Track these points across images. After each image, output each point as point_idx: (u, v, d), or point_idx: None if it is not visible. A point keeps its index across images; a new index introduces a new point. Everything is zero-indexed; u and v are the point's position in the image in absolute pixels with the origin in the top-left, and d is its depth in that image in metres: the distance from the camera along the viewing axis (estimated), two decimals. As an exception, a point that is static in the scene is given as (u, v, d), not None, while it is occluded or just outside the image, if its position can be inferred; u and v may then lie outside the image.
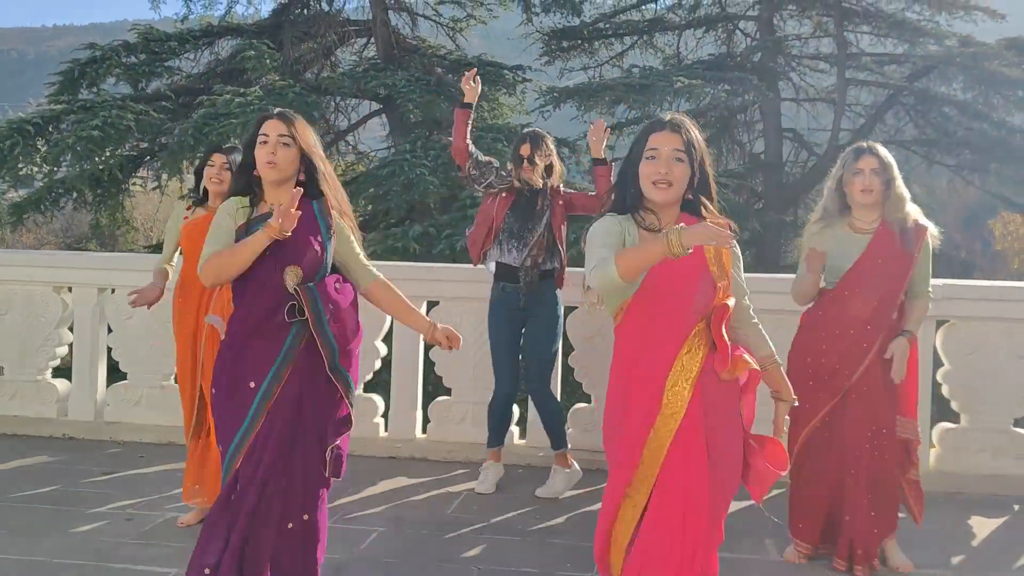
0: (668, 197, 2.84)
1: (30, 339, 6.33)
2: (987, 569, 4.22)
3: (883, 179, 4.05)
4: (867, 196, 4.04)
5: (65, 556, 4.07)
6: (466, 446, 5.82)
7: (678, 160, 2.82)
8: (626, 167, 2.93)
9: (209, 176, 4.63)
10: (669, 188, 2.82)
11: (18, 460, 5.59)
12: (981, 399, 5.46)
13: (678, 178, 2.83)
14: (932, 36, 16.89)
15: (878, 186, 4.03)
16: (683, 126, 2.88)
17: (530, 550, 4.30)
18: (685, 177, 2.84)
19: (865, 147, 4.15)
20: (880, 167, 4.06)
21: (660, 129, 2.87)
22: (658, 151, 2.83)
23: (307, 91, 14.97)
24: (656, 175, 2.82)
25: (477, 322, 5.83)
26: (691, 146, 2.85)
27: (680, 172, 2.83)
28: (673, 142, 2.83)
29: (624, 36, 18.90)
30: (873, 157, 4.08)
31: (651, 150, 2.84)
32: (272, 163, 3.20)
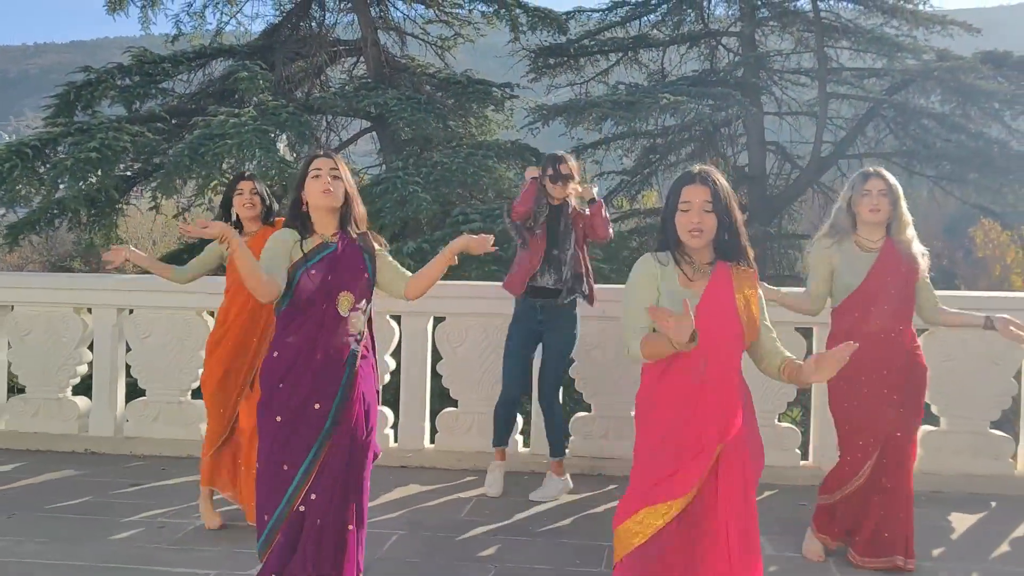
0: (701, 243, 3.21)
1: (52, 358, 6.58)
2: (965, 560, 4.53)
3: (890, 199, 4.39)
4: (875, 215, 4.38)
5: (107, 561, 4.34)
6: (473, 455, 6.11)
7: (707, 212, 3.18)
8: (666, 215, 3.30)
9: (241, 203, 4.90)
10: (701, 235, 3.19)
11: (46, 474, 5.85)
12: (960, 403, 5.79)
13: (709, 227, 3.18)
14: (910, 51, 17.30)
15: (886, 206, 4.38)
16: (710, 178, 3.23)
17: (542, 550, 4.59)
18: (714, 225, 3.20)
19: (872, 171, 4.48)
20: (887, 188, 4.39)
21: (691, 183, 3.22)
22: (690, 203, 3.19)
23: (300, 110, 15.25)
24: (690, 225, 3.18)
25: (482, 336, 6.15)
26: (718, 197, 3.20)
27: (710, 221, 3.18)
28: (703, 195, 3.18)
29: (609, 53, 19.25)
30: (880, 180, 4.41)
31: (684, 203, 3.20)
32: (328, 191, 3.60)
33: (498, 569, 4.31)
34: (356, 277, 3.61)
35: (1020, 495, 5.56)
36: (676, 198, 3.24)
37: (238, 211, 4.93)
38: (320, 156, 3.68)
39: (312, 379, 3.51)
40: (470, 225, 13.53)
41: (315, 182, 3.60)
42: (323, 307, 3.54)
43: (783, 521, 4.88)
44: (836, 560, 4.46)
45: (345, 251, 3.62)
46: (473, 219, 13.65)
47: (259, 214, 4.96)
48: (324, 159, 3.66)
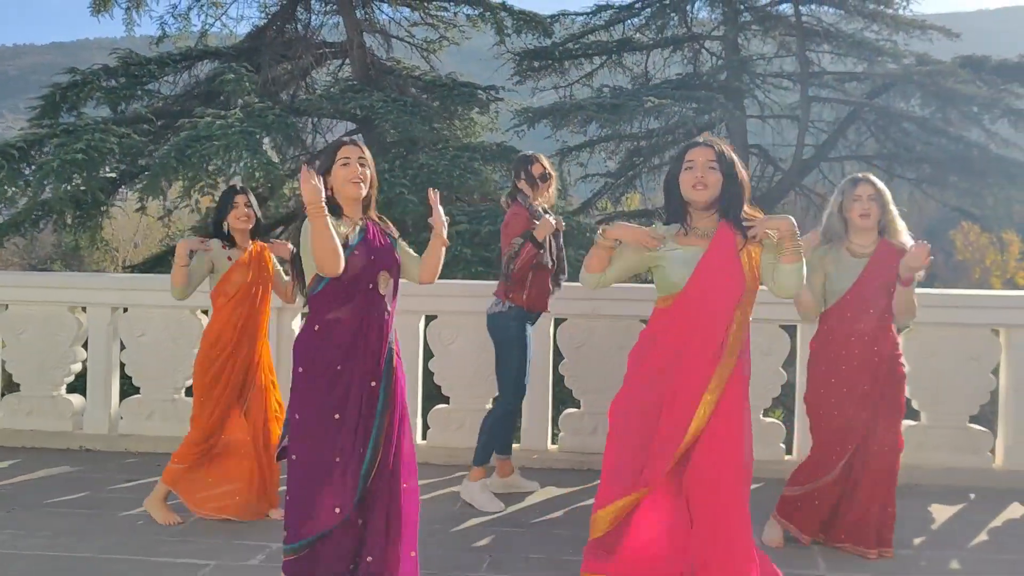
0: (705, 197, 3.43)
1: (46, 357, 6.65)
2: (944, 548, 4.68)
3: (879, 204, 4.52)
4: (865, 220, 4.51)
5: (110, 553, 4.43)
6: (465, 451, 6.18)
7: (711, 168, 3.42)
8: (668, 184, 3.53)
9: (237, 217, 4.97)
10: (705, 189, 3.41)
11: (43, 471, 5.92)
12: (940, 398, 5.94)
13: (713, 182, 3.43)
14: (890, 55, 17.51)
15: (875, 211, 4.51)
16: (714, 142, 3.49)
17: (536, 540, 4.71)
18: (718, 183, 3.42)
19: (861, 177, 4.62)
20: (876, 193, 4.53)
21: (695, 146, 3.49)
22: (694, 162, 3.44)
23: (286, 112, 15.31)
24: (693, 180, 3.42)
25: (474, 335, 6.24)
26: (722, 156, 3.44)
27: (714, 178, 3.42)
28: (707, 154, 3.44)
29: (593, 56, 19.37)
30: (869, 185, 4.55)
31: (688, 162, 3.45)
32: (359, 180, 3.67)
33: (493, 558, 4.42)
34: (391, 258, 3.75)
35: (998, 488, 5.70)
36: (680, 160, 3.48)
37: (233, 224, 4.97)
38: (347, 144, 3.74)
39: (369, 358, 3.62)
40: (456, 227, 13.64)
41: (345, 170, 3.64)
42: (368, 286, 3.63)
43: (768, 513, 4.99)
44: (822, 548, 4.58)
45: (376, 234, 3.75)
46: (460, 220, 13.76)
47: (252, 228, 5.05)
48: (352, 147, 3.72)
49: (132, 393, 6.70)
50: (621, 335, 6.04)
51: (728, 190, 3.44)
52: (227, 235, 5.01)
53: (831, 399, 4.55)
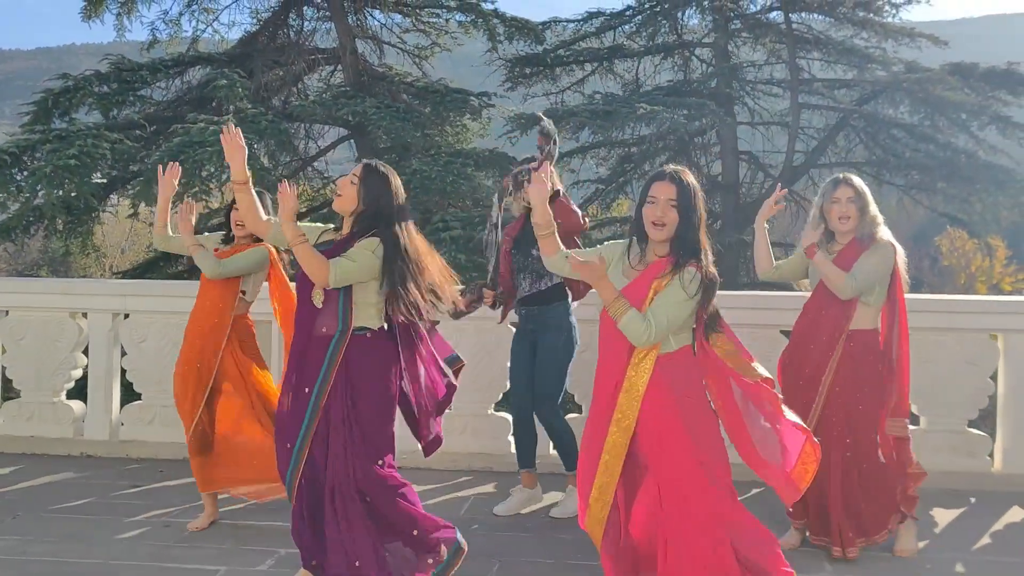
0: (660, 236, 3.48)
1: (46, 363, 6.65)
2: (947, 551, 4.72)
3: (858, 206, 4.55)
4: (845, 223, 4.55)
5: (120, 559, 4.44)
6: (467, 456, 6.24)
7: (671, 207, 3.43)
8: (636, 210, 3.59)
9: (235, 219, 5.03)
10: (662, 229, 3.45)
11: (45, 477, 5.92)
12: (938, 403, 5.99)
13: (671, 221, 3.45)
14: (879, 62, 17.60)
15: (854, 212, 4.54)
16: (679, 177, 3.48)
17: (542, 544, 4.75)
18: (675, 220, 3.44)
19: (841, 178, 4.65)
20: (855, 195, 4.56)
21: (660, 179, 3.50)
22: (656, 199, 3.46)
23: (279, 118, 15.32)
24: (652, 216, 3.46)
25: (476, 337, 6.26)
26: (684, 195, 3.44)
27: (672, 216, 3.44)
28: (669, 191, 3.45)
29: (585, 63, 19.43)
30: (849, 187, 4.58)
31: (651, 197, 3.48)
32: (337, 195, 3.93)
33: (502, 563, 4.45)
34: None
35: (997, 491, 5.75)
36: (646, 192, 3.51)
37: (233, 226, 5.07)
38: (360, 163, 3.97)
39: (299, 366, 3.85)
40: (450, 232, 13.67)
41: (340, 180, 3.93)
42: (303, 298, 3.89)
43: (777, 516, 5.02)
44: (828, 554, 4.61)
45: (336, 245, 3.84)
46: (453, 226, 13.79)
47: (248, 232, 5.02)
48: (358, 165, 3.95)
49: (133, 399, 6.69)
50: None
51: (681, 227, 3.44)
52: (228, 234, 5.12)
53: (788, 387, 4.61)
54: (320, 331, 3.82)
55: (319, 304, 3.82)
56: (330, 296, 3.82)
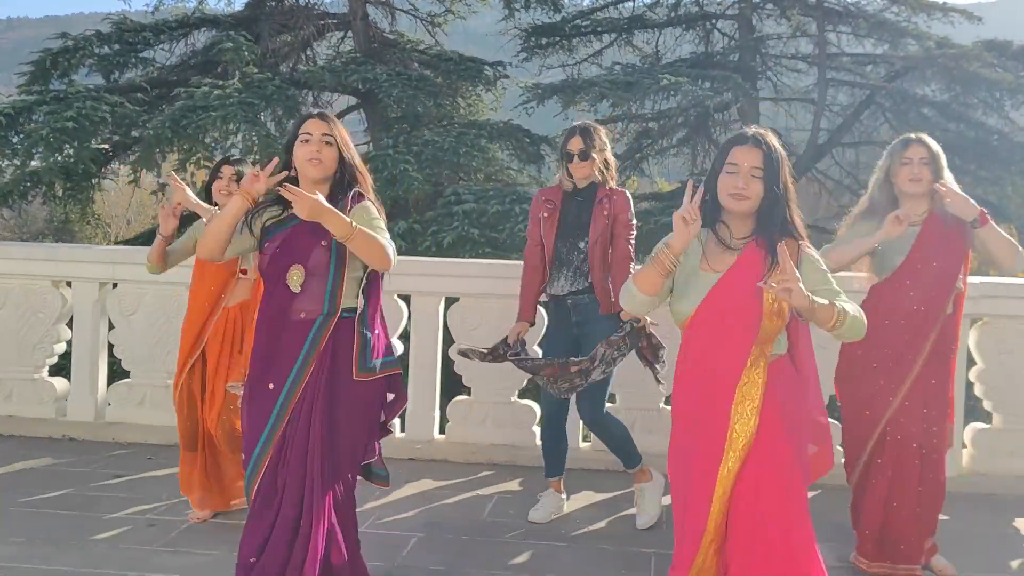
0: (742, 208, 2.91)
1: (27, 336, 6.06)
2: (1046, 573, 4.12)
3: (932, 169, 3.96)
4: (916, 186, 3.94)
5: (94, 566, 3.85)
6: (488, 447, 5.66)
7: (755, 177, 2.88)
8: (708, 180, 2.98)
9: (219, 188, 4.50)
10: (744, 201, 2.89)
11: (21, 462, 5.33)
12: (1015, 399, 5.38)
13: (754, 194, 2.90)
14: (913, 36, 16.94)
15: (927, 175, 3.94)
16: (764, 141, 2.91)
17: (582, 557, 4.13)
18: (760, 193, 2.89)
19: (914, 137, 4.05)
20: (929, 157, 3.97)
21: (742, 144, 2.92)
22: (738, 166, 2.89)
23: (286, 84, 14.71)
24: (733, 188, 2.89)
25: (499, 319, 5.64)
26: (770, 163, 2.89)
27: (756, 188, 2.89)
28: (753, 158, 2.89)
29: (603, 34, 18.80)
30: (922, 147, 3.99)
31: (732, 164, 2.91)
32: (317, 160, 3.22)
33: (545, 582, 3.85)
34: (310, 248, 3.23)
35: (1081, 499, 5.15)
36: (723, 158, 2.94)
37: (216, 197, 4.49)
38: (312, 117, 3.28)
39: (265, 357, 3.27)
40: (463, 206, 13.07)
41: (303, 148, 3.23)
42: (273, 285, 3.27)
43: (837, 524, 4.41)
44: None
45: (310, 224, 3.16)
46: (466, 199, 13.19)
47: None
48: (316, 121, 3.27)
49: (121, 377, 6.10)
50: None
51: (767, 201, 2.89)
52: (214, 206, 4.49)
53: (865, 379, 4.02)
54: (298, 316, 3.22)
55: (297, 288, 3.20)
56: (316, 274, 3.22)
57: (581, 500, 4.93)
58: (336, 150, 3.25)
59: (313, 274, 3.21)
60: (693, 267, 2.96)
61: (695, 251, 2.97)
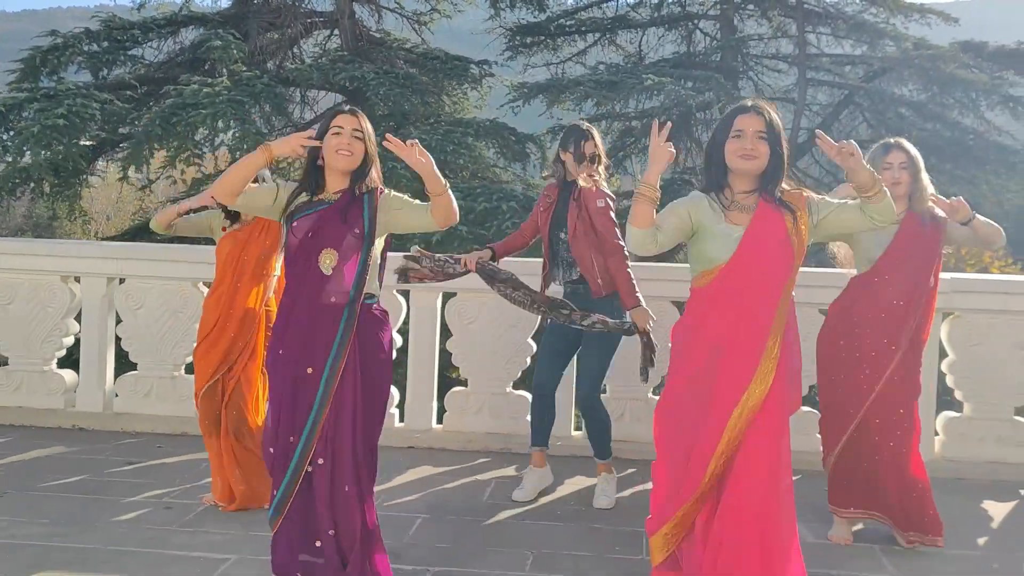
0: (752, 167, 3.21)
1: (36, 329, 6.24)
2: (1014, 549, 4.39)
3: (911, 172, 4.26)
4: (896, 188, 4.20)
5: (119, 544, 4.06)
6: (484, 436, 5.90)
7: (761, 139, 3.19)
8: (711, 149, 3.29)
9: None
10: (755, 160, 3.19)
11: (35, 451, 5.53)
12: (985, 389, 5.67)
13: (762, 153, 3.19)
14: (891, 37, 17.23)
15: (906, 179, 4.25)
16: (764, 110, 3.23)
17: (576, 535, 4.38)
18: (767, 153, 3.20)
19: (893, 143, 4.35)
20: (908, 161, 4.27)
21: (745, 112, 3.24)
22: (743, 131, 3.19)
23: (274, 82, 14.86)
24: (742, 150, 3.19)
25: (496, 314, 5.90)
26: (772, 127, 3.20)
27: (763, 149, 3.20)
28: (757, 124, 3.20)
29: (587, 33, 19.02)
30: (902, 152, 4.29)
31: (737, 130, 3.20)
32: (348, 152, 3.41)
33: (536, 555, 4.08)
34: (343, 233, 3.40)
35: (1047, 483, 5.46)
36: (727, 127, 3.25)
37: None
38: (344, 112, 3.49)
39: (301, 342, 3.40)
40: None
41: (334, 139, 3.42)
42: (304, 265, 3.41)
43: (817, 508, 4.68)
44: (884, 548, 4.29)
45: (339, 206, 3.42)
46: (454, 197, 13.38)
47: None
48: (348, 116, 3.47)
49: (128, 369, 6.30)
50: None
51: (772, 163, 3.22)
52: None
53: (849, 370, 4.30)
54: (328, 300, 3.38)
55: (328, 271, 3.37)
56: (346, 258, 3.38)
57: (575, 484, 5.18)
58: (364, 145, 3.44)
59: (344, 259, 3.38)
60: (713, 222, 3.25)
61: (710, 209, 3.26)
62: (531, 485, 4.95)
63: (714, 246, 3.26)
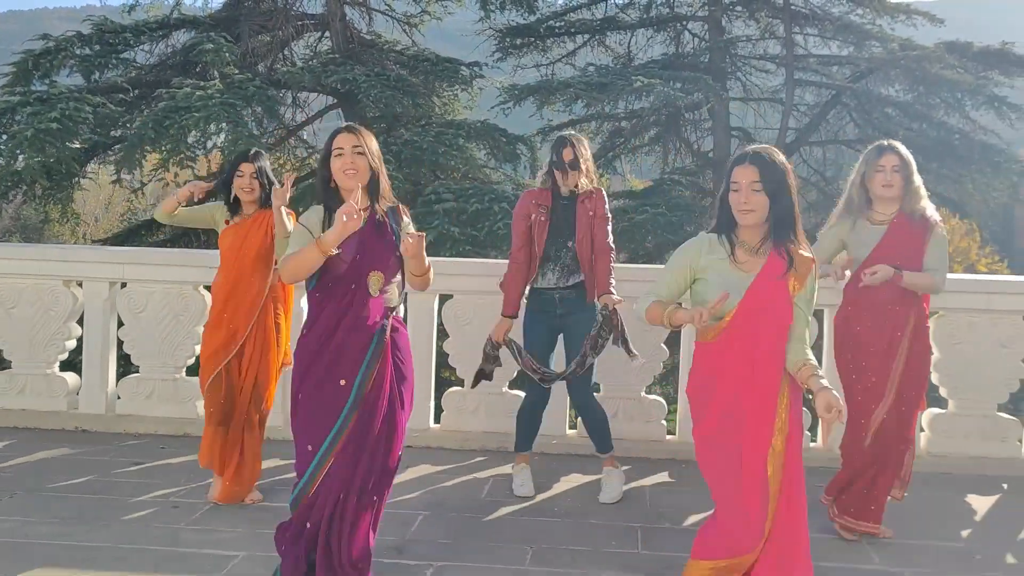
0: (748, 220, 3.21)
1: (39, 333, 6.34)
2: (995, 541, 4.55)
3: (903, 175, 4.37)
4: (888, 191, 4.36)
5: (129, 542, 4.18)
6: (480, 435, 6.03)
7: (755, 191, 3.17)
8: (722, 195, 3.30)
9: (240, 186, 4.76)
10: (750, 214, 3.19)
11: (41, 452, 5.64)
12: (968, 386, 5.83)
13: (758, 206, 3.18)
14: (877, 38, 17.40)
15: (899, 181, 4.36)
16: (760, 158, 3.21)
17: (573, 531, 4.52)
18: (765, 204, 3.19)
19: (887, 145, 4.46)
20: (900, 164, 4.38)
21: (741, 163, 3.23)
22: (739, 184, 3.20)
23: (266, 85, 14.94)
24: (738, 204, 3.20)
25: (490, 316, 6.00)
26: (767, 177, 3.17)
27: (759, 200, 3.18)
28: (750, 175, 3.18)
29: (576, 35, 19.14)
30: (894, 155, 4.40)
31: (734, 183, 3.22)
32: (353, 171, 3.51)
33: (535, 550, 4.22)
34: (386, 255, 3.56)
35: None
36: (728, 178, 3.27)
37: (236, 193, 4.79)
38: (342, 132, 3.58)
39: (336, 356, 3.47)
40: (443, 204, 13.40)
41: (338, 161, 3.52)
42: (352, 287, 3.50)
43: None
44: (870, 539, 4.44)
45: (373, 229, 3.55)
46: (446, 198, 13.52)
47: (257, 198, 4.81)
48: (346, 135, 3.56)
49: (130, 372, 6.41)
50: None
51: (774, 211, 3.19)
52: (235, 200, 4.83)
53: (851, 372, 4.48)
54: (374, 320, 3.49)
55: (376, 292, 3.51)
56: (390, 279, 3.56)
57: (571, 481, 5.33)
58: (367, 159, 3.53)
59: (388, 280, 3.55)
60: (723, 265, 3.25)
61: (713, 252, 3.28)
62: (527, 480, 5.13)
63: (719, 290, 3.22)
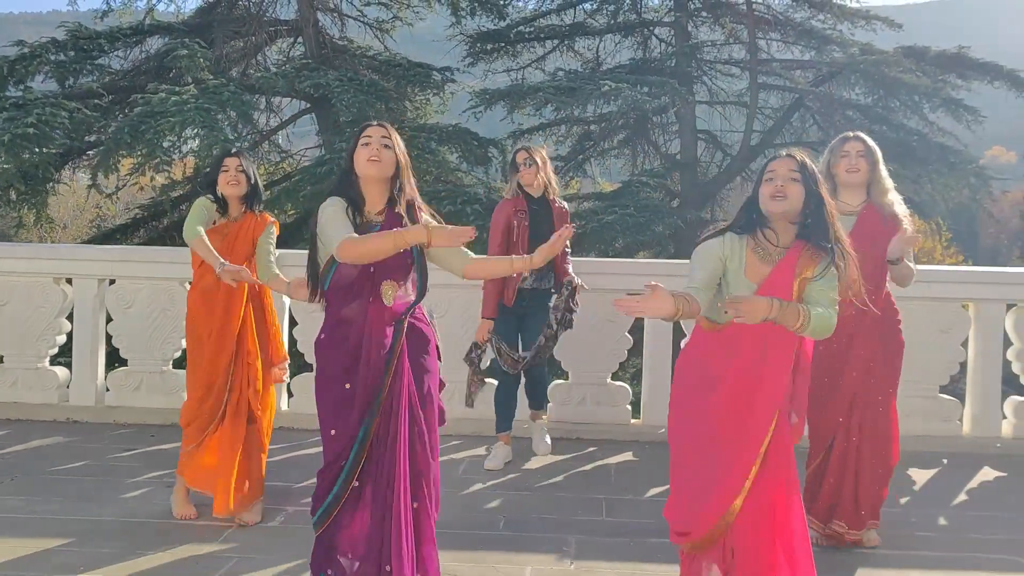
0: (782, 207, 3.21)
1: (30, 328, 6.62)
2: (930, 507, 4.98)
3: (869, 161, 4.41)
4: (854, 176, 4.36)
5: (132, 516, 4.50)
6: (456, 421, 6.31)
7: (793, 180, 3.22)
8: (751, 196, 3.36)
9: (226, 180, 4.65)
10: (784, 200, 3.20)
11: (36, 441, 5.92)
12: (912, 369, 6.05)
13: (793, 194, 3.21)
14: (838, 43, 17.87)
15: (864, 166, 4.36)
16: (797, 155, 3.32)
17: (543, 502, 4.89)
18: (800, 195, 3.22)
19: (852, 135, 4.50)
20: (866, 150, 4.43)
21: (778, 157, 3.33)
22: (775, 172, 3.26)
23: (240, 90, 15.16)
24: (773, 190, 3.22)
25: (464, 307, 6.36)
26: (804, 168, 3.23)
27: (795, 189, 3.21)
28: (788, 165, 3.24)
29: (546, 40, 19.47)
30: (859, 142, 4.44)
31: (769, 172, 3.27)
32: (376, 160, 3.47)
33: (507, 519, 4.58)
34: (400, 263, 3.49)
35: (968, 453, 6.03)
36: (762, 174, 3.31)
37: (222, 189, 4.68)
38: (372, 124, 3.60)
39: (353, 361, 3.45)
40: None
41: (363, 150, 3.49)
42: (367, 297, 3.46)
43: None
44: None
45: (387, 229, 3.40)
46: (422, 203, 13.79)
47: (244, 193, 4.72)
48: (376, 127, 3.57)
49: (119, 365, 6.69)
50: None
51: (809, 204, 3.23)
52: (220, 198, 4.72)
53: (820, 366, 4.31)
54: (389, 326, 3.47)
55: (390, 302, 3.48)
56: (405, 287, 3.55)
57: (540, 460, 5.69)
58: (394, 154, 3.52)
59: (403, 288, 3.56)
60: (737, 272, 3.25)
61: (739, 256, 3.26)
62: (500, 456, 5.61)
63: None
